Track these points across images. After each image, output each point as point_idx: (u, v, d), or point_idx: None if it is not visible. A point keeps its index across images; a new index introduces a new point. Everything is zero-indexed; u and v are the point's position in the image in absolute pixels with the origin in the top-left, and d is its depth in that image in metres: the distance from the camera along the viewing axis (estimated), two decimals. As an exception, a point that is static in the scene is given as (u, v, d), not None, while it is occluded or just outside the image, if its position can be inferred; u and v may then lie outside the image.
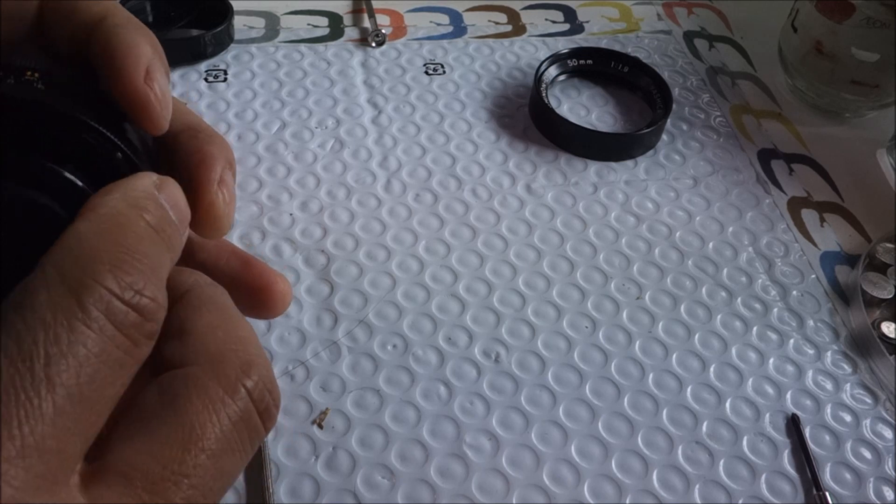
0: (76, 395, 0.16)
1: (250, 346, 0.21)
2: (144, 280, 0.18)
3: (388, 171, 0.45)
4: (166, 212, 0.20)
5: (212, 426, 0.19)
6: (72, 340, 0.16)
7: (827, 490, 0.34)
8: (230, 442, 0.19)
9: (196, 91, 0.49)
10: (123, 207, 0.19)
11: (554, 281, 0.41)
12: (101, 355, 0.17)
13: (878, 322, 0.40)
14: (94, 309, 0.17)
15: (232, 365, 0.20)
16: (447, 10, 0.58)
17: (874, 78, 0.49)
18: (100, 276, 0.17)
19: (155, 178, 0.21)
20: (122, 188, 0.20)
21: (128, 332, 0.18)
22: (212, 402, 0.19)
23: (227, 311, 0.22)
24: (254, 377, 0.20)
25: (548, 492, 0.33)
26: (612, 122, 0.51)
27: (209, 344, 0.20)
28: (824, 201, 0.47)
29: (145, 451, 0.18)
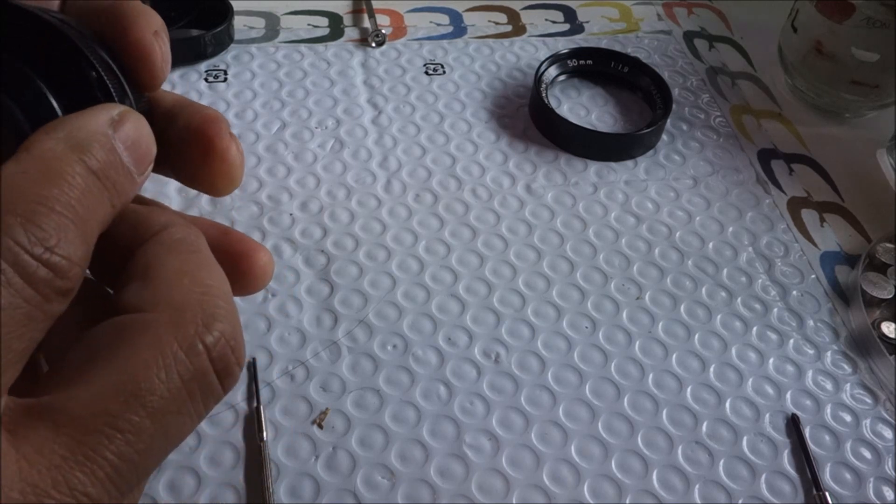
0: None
1: (217, 296, 0.19)
2: (59, 235, 0.17)
3: (388, 172, 0.45)
4: (116, 155, 0.19)
5: (159, 382, 0.17)
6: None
7: (827, 490, 0.34)
8: (178, 402, 0.18)
9: (196, 91, 0.49)
10: (61, 149, 0.18)
11: (554, 281, 0.41)
12: (8, 308, 0.16)
13: (878, 322, 0.40)
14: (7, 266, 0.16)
15: (193, 316, 0.18)
16: (447, 10, 0.58)
17: (874, 78, 0.49)
18: (10, 228, 0.16)
19: (114, 114, 0.19)
20: (69, 125, 0.18)
21: (37, 286, 0.17)
22: (163, 355, 0.18)
23: (197, 256, 0.20)
24: (215, 332, 0.18)
25: (548, 492, 0.33)
26: (612, 122, 0.51)
27: (173, 291, 0.19)
28: (824, 201, 0.47)
29: (82, 396, 0.17)
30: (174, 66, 0.50)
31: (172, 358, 0.18)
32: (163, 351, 0.18)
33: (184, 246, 0.20)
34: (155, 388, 0.17)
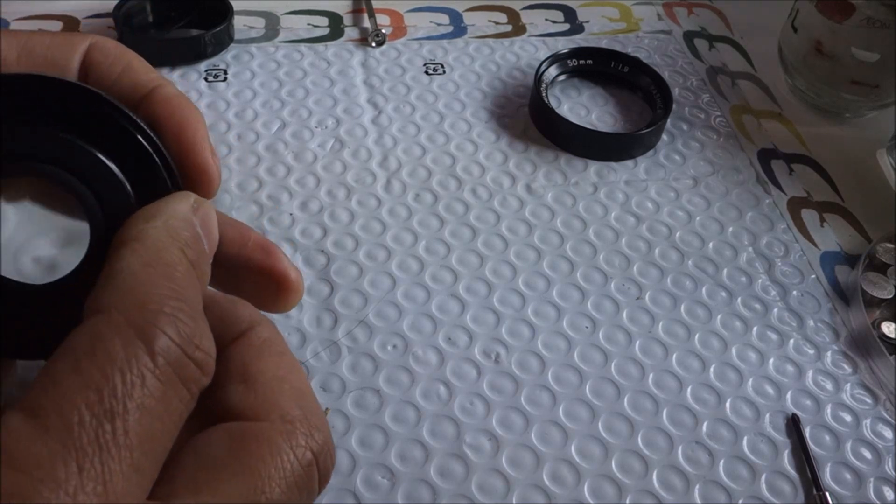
0: (149, 450, 0.16)
1: (314, 405, 0.21)
2: (199, 331, 0.18)
3: (388, 171, 0.45)
4: (201, 243, 0.20)
5: (280, 490, 0.18)
6: (145, 394, 0.16)
7: (827, 490, 0.34)
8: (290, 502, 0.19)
9: (196, 91, 0.49)
10: (167, 239, 0.19)
11: (554, 281, 0.41)
12: (168, 410, 0.17)
13: (878, 322, 0.40)
14: (163, 361, 0.17)
15: (302, 427, 0.20)
16: (447, 10, 0.58)
17: (874, 78, 0.49)
18: (163, 324, 0.17)
19: (192, 202, 0.21)
20: (163, 214, 0.20)
21: (188, 385, 0.17)
22: (282, 464, 0.19)
23: (287, 359, 0.22)
24: (319, 441, 0.20)
25: (548, 492, 0.33)
26: (612, 122, 0.51)
27: (278, 398, 0.20)
28: (824, 201, 0.47)
29: (213, 502, 0.18)
30: (174, 66, 0.50)
31: (290, 468, 0.19)
32: (282, 461, 0.19)
33: (273, 347, 0.21)
34: (275, 496, 0.18)
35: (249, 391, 0.20)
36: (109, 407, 0.16)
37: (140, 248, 0.18)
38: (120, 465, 0.16)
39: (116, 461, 0.15)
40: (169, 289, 0.18)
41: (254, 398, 0.20)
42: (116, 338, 0.16)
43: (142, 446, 0.16)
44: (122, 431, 0.16)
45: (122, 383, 0.16)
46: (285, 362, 0.21)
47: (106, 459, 0.15)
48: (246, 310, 0.22)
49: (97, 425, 0.15)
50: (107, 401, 0.16)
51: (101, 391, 0.16)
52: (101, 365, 0.16)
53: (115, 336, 0.16)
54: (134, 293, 0.17)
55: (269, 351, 0.21)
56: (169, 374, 0.17)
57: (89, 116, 0.21)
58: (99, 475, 0.15)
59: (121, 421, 0.16)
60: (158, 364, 0.17)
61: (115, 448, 0.16)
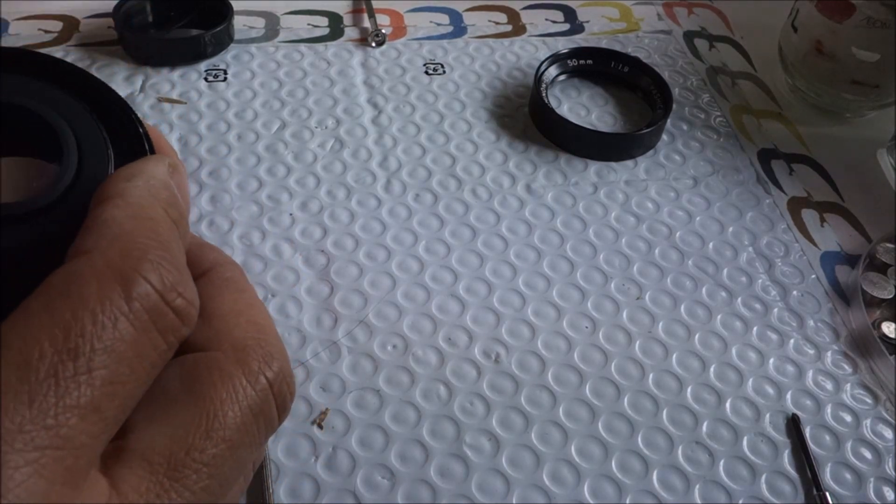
0: (112, 392, 0.16)
1: (271, 335, 0.21)
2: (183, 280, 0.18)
3: (388, 171, 0.45)
4: (180, 205, 0.20)
5: (233, 415, 0.18)
6: (115, 337, 0.16)
7: (827, 490, 0.34)
8: (248, 432, 0.19)
9: (196, 91, 0.49)
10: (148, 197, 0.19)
11: (554, 281, 0.41)
12: (140, 356, 0.17)
13: (878, 322, 0.40)
14: (139, 307, 0.17)
15: (255, 354, 0.20)
16: (447, 10, 0.58)
17: (874, 78, 0.49)
18: (146, 271, 0.17)
19: (168, 164, 0.21)
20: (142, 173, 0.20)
21: (165, 334, 0.18)
22: (234, 390, 0.19)
23: (248, 295, 0.22)
24: (275, 367, 0.20)
25: (548, 492, 0.33)
26: (612, 122, 0.50)
27: (233, 329, 0.20)
28: (824, 201, 0.47)
29: (168, 435, 0.18)
30: (174, 66, 0.50)
31: (243, 392, 0.19)
32: (234, 386, 0.19)
33: (234, 285, 0.22)
34: (230, 421, 0.18)
35: (205, 324, 0.20)
36: (74, 346, 0.16)
37: (123, 203, 0.19)
38: (77, 402, 0.16)
39: (73, 398, 0.16)
40: (154, 239, 0.18)
41: (208, 330, 0.20)
42: (94, 279, 0.17)
43: (104, 387, 0.16)
44: (84, 370, 0.16)
45: (91, 324, 0.16)
46: (244, 298, 0.21)
47: (61, 395, 0.15)
48: (212, 252, 0.22)
49: (57, 362, 0.16)
50: (72, 339, 0.16)
51: (67, 330, 0.16)
52: (73, 305, 0.16)
53: (93, 277, 0.17)
54: (119, 239, 0.17)
55: (229, 288, 0.21)
56: (144, 320, 0.17)
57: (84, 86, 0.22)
58: (51, 409, 0.15)
59: (84, 360, 0.16)
60: (133, 309, 0.17)
61: (73, 386, 0.16)
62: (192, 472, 0.18)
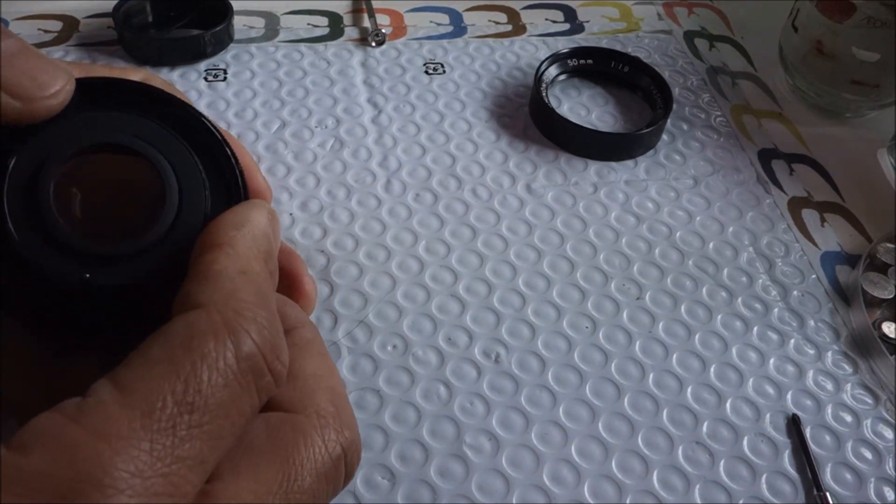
0: (216, 446, 0.18)
1: (347, 405, 0.22)
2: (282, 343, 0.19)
3: (388, 171, 0.45)
4: (276, 257, 0.22)
5: (310, 479, 0.20)
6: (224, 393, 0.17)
7: (827, 490, 0.34)
8: (318, 496, 0.20)
9: (196, 90, 0.49)
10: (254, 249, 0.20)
11: (554, 281, 0.41)
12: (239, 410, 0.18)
13: (878, 322, 0.39)
14: (245, 365, 0.18)
15: (335, 423, 0.21)
16: (447, 9, 0.58)
17: (874, 78, 0.49)
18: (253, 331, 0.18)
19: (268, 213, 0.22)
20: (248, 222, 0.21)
21: (260, 392, 0.19)
22: (314, 455, 0.20)
23: (327, 360, 0.23)
24: (349, 437, 0.21)
25: (548, 492, 0.33)
26: (612, 122, 0.50)
27: (315, 395, 0.21)
28: (825, 201, 0.47)
29: (250, 489, 0.19)
30: (174, 66, 0.50)
31: (321, 459, 0.20)
32: (314, 452, 0.20)
33: (314, 348, 0.23)
34: (306, 484, 0.20)
35: (290, 386, 0.21)
36: (192, 400, 0.17)
37: (233, 253, 0.20)
38: (187, 454, 0.17)
39: (184, 449, 0.17)
40: (258, 298, 0.19)
41: (293, 392, 0.21)
42: (211, 335, 0.18)
43: (210, 440, 0.17)
44: (196, 424, 0.17)
45: (207, 380, 0.17)
46: (324, 363, 0.23)
47: (177, 446, 0.17)
48: (294, 310, 0.24)
49: (177, 414, 0.17)
50: (191, 394, 0.17)
51: (187, 383, 0.17)
52: (193, 359, 0.17)
53: (211, 333, 0.18)
54: (233, 297, 0.18)
55: (311, 351, 0.23)
56: (248, 378, 0.18)
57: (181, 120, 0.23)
58: (167, 458, 0.16)
59: (198, 414, 0.17)
60: (242, 367, 0.18)
61: (187, 437, 0.17)
62: None
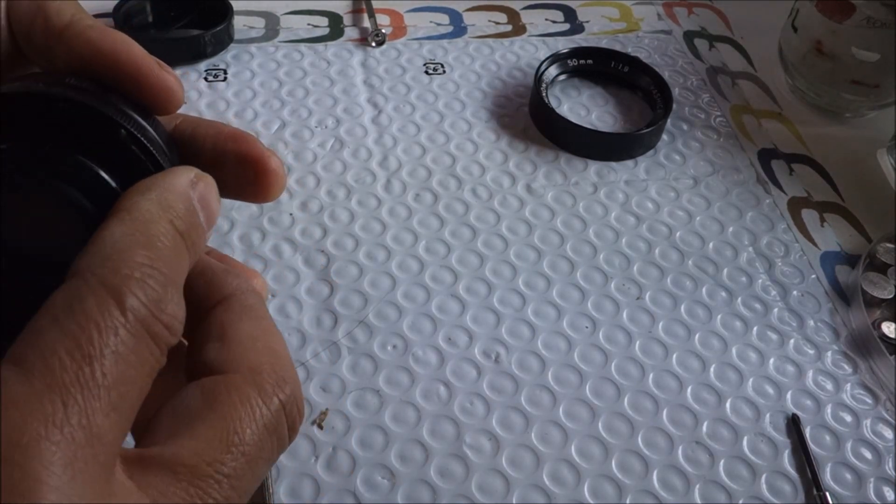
0: (124, 393, 0.18)
1: (285, 361, 0.22)
2: (167, 297, 0.19)
3: (388, 171, 0.45)
4: (196, 216, 0.21)
5: (251, 431, 0.20)
6: (118, 342, 0.18)
7: (827, 490, 0.34)
8: (264, 448, 0.20)
9: (196, 90, 0.49)
10: (156, 210, 0.20)
11: (554, 281, 0.41)
12: (140, 359, 0.18)
13: (878, 322, 0.40)
14: (132, 317, 0.18)
15: (269, 377, 0.21)
16: (447, 10, 0.58)
17: (874, 78, 0.49)
18: (133, 287, 0.19)
19: (192, 176, 0.22)
20: (158, 187, 0.21)
21: (157, 340, 0.19)
22: (251, 409, 0.20)
23: (265, 322, 0.23)
24: (287, 391, 0.21)
25: (548, 492, 0.33)
26: (612, 122, 0.50)
27: (249, 354, 0.22)
28: (824, 201, 0.47)
29: (191, 448, 0.19)
30: (174, 66, 0.50)
31: (259, 412, 0.20)
32: (251, 406, 0.20)
33: (253, 312, 0.23)
34: (247, 437, 0.20)
35: (223, 348, 0.22)
36: (87, 352, 0.17)
37: (127, 217, 0.20)
38: (99, 402, 0.17)
39: (96, 399, 0.17)
40: (144, 256, 0.19)
41: (227, 354, 0.21)
42: (90, 296, 0.18)
43: (118, 388, 0.18)
44: (99, 373, 0.17)
45: (97, 332, 0.18)
46: (262, 325, 0.23)
47: (87, 397, 0.17)
48: (235, 279, 0.24)
49: (77, 368, 0.17)
50: (84, 347, 0.17)
51: (77, 339, 0.17)
52: (78, 318, 0.18)
53: (90, 294, 0.18)
54: (109, 258, 0.19)
55: (248, 315, 0.23)
56: (139, 328, 0.18)
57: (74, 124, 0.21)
58: (82, 410, 0.17)
59: (98, 364, 0.17)
60: (129, 319, 0.18)
61: (94, 387, 0.17)
62: (214, 482, 0.19)
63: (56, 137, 0.21)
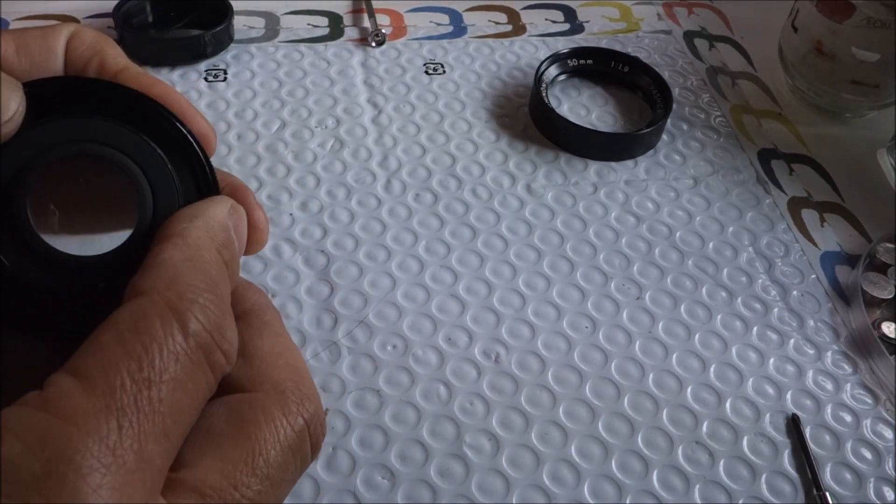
0: (178, 421, 0.18)
1: (307, 379, 0.23)
2: (227, 322, 0.20)
3: (388, 171, 0.45)
4: (234, 246, 0.22)
5: (276, 454, 0.20)
6: (178, 369, 0.18)
7: (827, 490, 0.34)
8: (287, 469, 0.21)
9: (196, 90, 0.49)
10: (206, 238, 0.21)
11: (554, 281, 0.41)
12: (195, 388, 0.19)
13: (878, 322, 0.40)
14: (194, 343, 0.18)
15: (293, 396, 0.21)
16: (447, 9, 0.58)
17: (874, 78, 0.49)
18: (196, 312, 0.19)
19: (229, 206, 0.22)
20: (203, 215, 0.22)
21: (213, 368, 0.19)
22: (276, 430, 0.20)
23: (285, 339, 0.24)
24: (311, 409, 0.22)
25: (548, 492, 0.33)
26: (612, 122, 0.50)
27: (273, 371, 0.22)
28: (824, 201, 0.47)
29: (218, 470, 0.19)
30: (174, 66, 0.50)
31: (283, 433, 0.21)
32: (276, 427, 0.21)
33: (272, 328, 0.23)
34: (272, 459, 0.20)
35: (247, 366, 0.22)
36: (147, 376, 0.17)
37: (182, 243, 0.20)
38: (153, 429, 0.17)
39: (150, 424, 0.17)
40: (204, 282, 0.20)
41: (250, 372, 0.22)
42: (157, 317, 0.18)
43: (171, 415, 0.18)
44: (157, 399, 0.17)
45: (159, 356, 0.18)
46: (281, 342, 0.23)
47: (142, 421, 0.17)
48: (255, 294, 0.24)
49: (136, 390, 0.17)
50: (146, 370, 0.17)
51: (140, 361, 0.18)
52: (143, 339, 0.18)
53: (156, 315, 0.18)
54: (175, 281, 0.19)
55: (268, 331, 0.23)
56: (199, 354, 0.19)
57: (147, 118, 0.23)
58: (136, 434, 0.17)
59: (156, 390, 0.17)
60: (190, 345, 0.18)
61: (150, 412, 0.17)
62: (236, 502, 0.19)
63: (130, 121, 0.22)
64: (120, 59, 0.26)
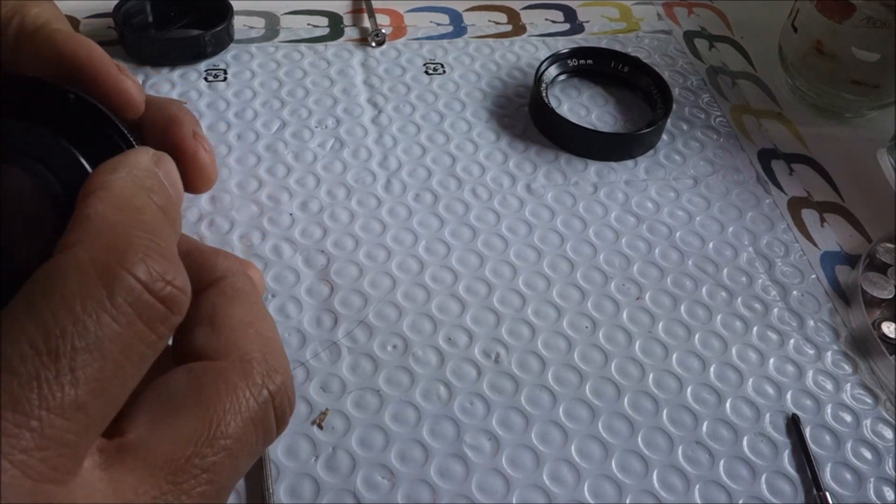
0: (97, 389, 0.16)
1: (277, 350, 0.21)
2: (173, 269, 0.18)
3: (388, 171, 0.45)
4: (167, 190, 0.20)
5: (235, 425, 0.19)
6: (98, 335, 0.16)
7: (827, 490, 0.34)
8: (248, 442, 0.19)
9: (196, 90, 0.49)
10: (133, 187, 0.19)
11: (554, 281, 0.41)
12: (126, 351, 0.17)
13: (878, 322, 0.40)
14: (123, 302, 0.17)
15: (260, 367, 0.20)
16: (447, 9, 0.58)
17: (874, 78, 0.49)
18: (131, 264, 0.17)
19: (152, 154, 0.21)
20: (125, 165, 0.20)
21: (153, 326, 0.17)
22: (238, 401, 0.19)
23: (257, 307, 0.22)
24: (277, 381, 0.20)
25: (548, 492, 0.33)
26: (612, 122, 0.50)
27: (240, 341, 0.20)
28: (824, 201, 0.47)
29: (171, 439, 0.18)
30: (174, 66, 0.50)
31: (245, 404, 0.19)
32: (238, 397, 0.19)
33: (244, 296, 0.22)
34: (231, 430, 0.19)
35: (214, 333, 0.20)
36: (55, 346, 0.16)
37: (107, 195, 0.19)
38: (60, 402, 0.16)
39: (57, 399, 0.16)
40: (140, 228, 0.18)
41: (217, 340, 0.20)
42: (75, 275, 0.16)
43: (88, 385, 0.16)
44: (66, 370, 0.16)
45: (72, 323, 0.16)
46: (254, 310, 0.22)
47: (44, 397, 0.16)
48: (225, 260, 0.23)
49: (38, 364, 0.16)
50: (52, 341, 0.16)
51: (47, 331, 0.16)
52: (53, 304, 0.16)
53: (74, 274, 0.16)
54: (103, 233, 0.17)
55: (240, 299, 0.22)
56: (128, 314, 0.17)
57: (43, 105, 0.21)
58: (34, 411, 0.15)
59: (65, 361, 0.16)
60: (116, 304, 0.17)
61: (56, 387, 0.16)
62: (191, 477, 0.18)
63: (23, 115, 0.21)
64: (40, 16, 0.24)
